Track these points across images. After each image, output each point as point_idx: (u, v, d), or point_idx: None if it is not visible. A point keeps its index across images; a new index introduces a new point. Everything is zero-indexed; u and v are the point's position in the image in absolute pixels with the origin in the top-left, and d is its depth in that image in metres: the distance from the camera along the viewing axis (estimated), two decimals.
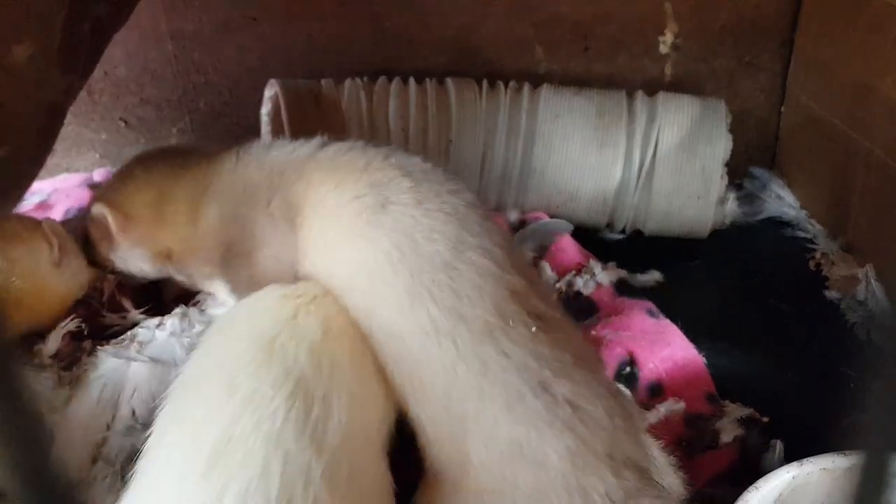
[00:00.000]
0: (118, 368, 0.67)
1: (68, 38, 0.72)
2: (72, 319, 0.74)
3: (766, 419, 0.71)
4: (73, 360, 0.69)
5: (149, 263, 0.76)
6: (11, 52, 0.66)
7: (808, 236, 1.05)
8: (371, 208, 0.58)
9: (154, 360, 0.68)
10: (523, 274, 0.57)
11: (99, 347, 0.69)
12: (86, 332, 0.73)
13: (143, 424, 0.62)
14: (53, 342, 0.71)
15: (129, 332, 0.72)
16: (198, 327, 0.72)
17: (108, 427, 0.62)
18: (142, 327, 0.72)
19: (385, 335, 0.56)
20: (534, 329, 0.52)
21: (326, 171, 0.64)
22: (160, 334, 0.71)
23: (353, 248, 0.58)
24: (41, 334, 0.73)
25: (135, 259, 0.76)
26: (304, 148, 0.68)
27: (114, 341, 0.70)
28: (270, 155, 0.70)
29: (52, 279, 0.76)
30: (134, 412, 0.64)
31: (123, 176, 0.77)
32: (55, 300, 0.76)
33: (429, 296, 0.53)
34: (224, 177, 0.71)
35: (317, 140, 0.69)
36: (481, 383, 0.50)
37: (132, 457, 0.57)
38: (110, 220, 0.74)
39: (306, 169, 0.65)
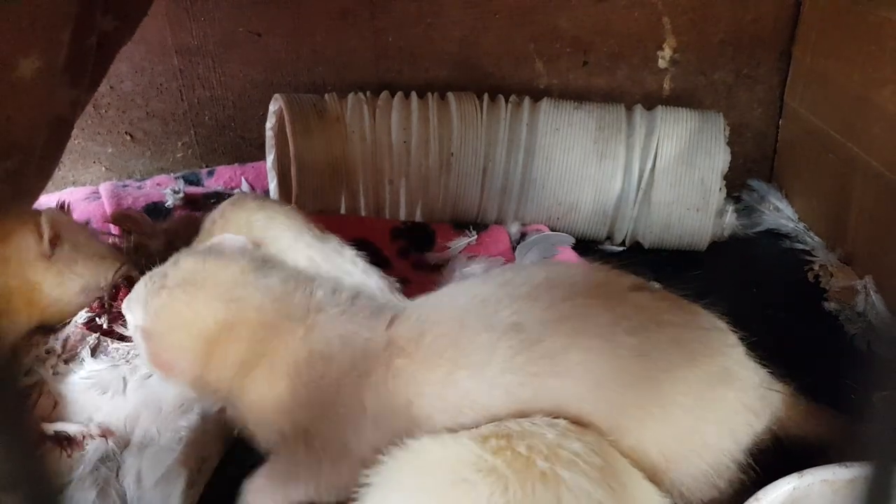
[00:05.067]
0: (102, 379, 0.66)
1: (75, 52, 0.74)
2: (87, 312, 0.72)
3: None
4: (73, 356, 0.68)
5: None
6: (18, 65, 0.68)
7: (807, 248, 1.05)
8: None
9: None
10: None
11: (103, 342, 0.69)
12: (102, 325, 0.71)
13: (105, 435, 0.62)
14: (61, 333, 0.69)
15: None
16: None
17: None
18: None
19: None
20: None
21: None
22: None
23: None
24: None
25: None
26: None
27: (115, 346, 0.70)
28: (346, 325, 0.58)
29: (42, 274, 0.70)
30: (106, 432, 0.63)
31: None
32: (46, 297, 0.71)
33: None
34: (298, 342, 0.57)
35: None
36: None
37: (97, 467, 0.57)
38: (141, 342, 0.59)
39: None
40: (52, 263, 0.72)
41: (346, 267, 0.74)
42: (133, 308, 0.59)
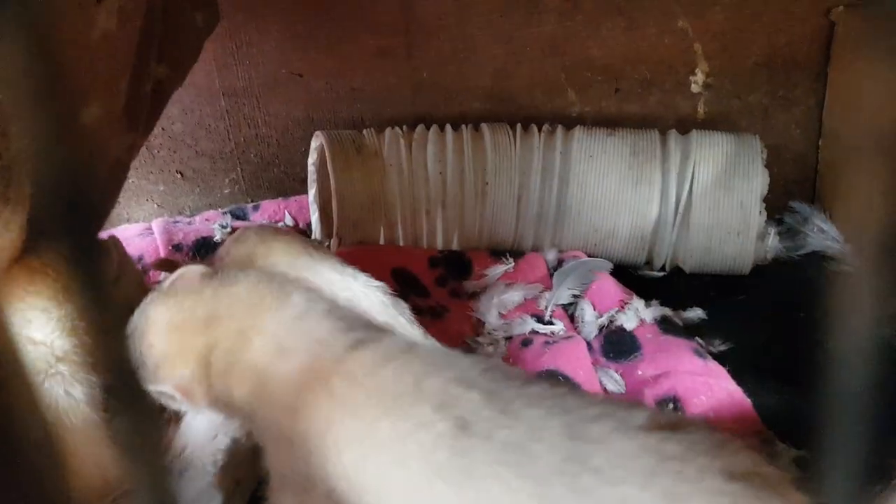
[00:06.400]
0: None
1: (131, 99, 0.78)
2: None
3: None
4: None
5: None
6: (80, 114, 0.73)
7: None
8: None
9: None
10: None
11: None
12: None
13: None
14: None
15: None
16: None
17: None
18: None
19: None
20: None
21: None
22: None
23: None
24: None
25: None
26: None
27: None
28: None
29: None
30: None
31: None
32: None
33: None
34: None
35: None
36: None
37: None
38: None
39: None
40: (116, 289, 0.72)
41: (345, 283, 0.73)
42: None
